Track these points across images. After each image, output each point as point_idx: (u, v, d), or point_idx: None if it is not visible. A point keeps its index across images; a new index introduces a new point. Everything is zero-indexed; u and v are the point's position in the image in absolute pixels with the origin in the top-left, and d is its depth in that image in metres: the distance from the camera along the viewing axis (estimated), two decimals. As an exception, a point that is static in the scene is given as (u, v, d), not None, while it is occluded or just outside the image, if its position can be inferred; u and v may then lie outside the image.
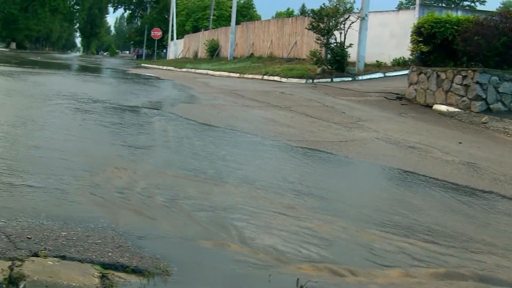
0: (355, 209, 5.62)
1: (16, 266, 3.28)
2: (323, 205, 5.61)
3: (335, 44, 24.91)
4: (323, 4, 25.50)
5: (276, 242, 4.31)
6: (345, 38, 24.55)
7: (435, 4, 29.16)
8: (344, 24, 24.48)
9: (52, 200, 4.75)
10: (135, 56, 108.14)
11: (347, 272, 3.92)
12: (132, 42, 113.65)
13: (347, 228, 4.86)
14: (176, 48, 68.23)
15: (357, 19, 24.54)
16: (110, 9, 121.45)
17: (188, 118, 11.23)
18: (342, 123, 11.85)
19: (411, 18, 24.62)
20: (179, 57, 64.17)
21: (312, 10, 26.32)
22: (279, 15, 75.64)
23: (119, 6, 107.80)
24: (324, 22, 24.98)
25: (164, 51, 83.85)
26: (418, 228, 5.10)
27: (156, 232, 4.27)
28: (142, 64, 59.73)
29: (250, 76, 29.23)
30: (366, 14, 24.75)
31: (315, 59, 25.67)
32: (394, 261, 4.22)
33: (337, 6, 25.01)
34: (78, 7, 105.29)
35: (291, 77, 25.44)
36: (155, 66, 52.40)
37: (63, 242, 3.79)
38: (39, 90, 15.16)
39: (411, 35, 17.14)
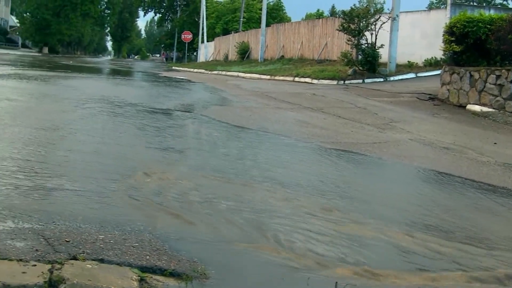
0: (390, 211, 5.58)
1: (56, 269, 3.30)
2: (358, 207, 5.57)
3: (366, 45, 24.81)
4: (354, 5, 25.47)
5: (313, 244, 4.29)
6: (376, 38, 24.44)
7: (466, 3, 28.85)
8: (375, 24, 24.37)
9: (89, 203, 4.78)
10: (164, 59, 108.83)
11: (385, 275, 3.89)
12: (162, 45, 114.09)
13: (383, 230, 4.83)
14: (206, 50, 68.38)
15: (388, 19, 24.42)
16: (141, 12, 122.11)
17: (221, 120, 11.24)
18: (375, 125, 11.79)
19: (442, 17, 24.48)
20: (210, 60, 64.33)
21: (343, 11, 26.23)
22: (309, 17, 75.54)
23: (150, 10, 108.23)
24: (354, 23, 24.90)
25: (195, 53, 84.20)
26: (455, 230, 5.05)
27: (192, 235, 4.27)
28: (173, 67, 59.93)
29: (281, 78, 29.18)
30: (397, 15, 24.63)
31: (346, 60, 25.57)
32: (432, 264, 4.17)
33: (368, 6, 24.91)
34: (109, 11, 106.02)
35: (322, 79, 25.36)
36: (186, 69, 52.48)
37: (101, 245, 3.80)
38: (72, 94, 15.27)
39: (443, 35, 17.02)
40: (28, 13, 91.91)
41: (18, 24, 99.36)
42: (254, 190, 5.80)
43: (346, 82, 24.02)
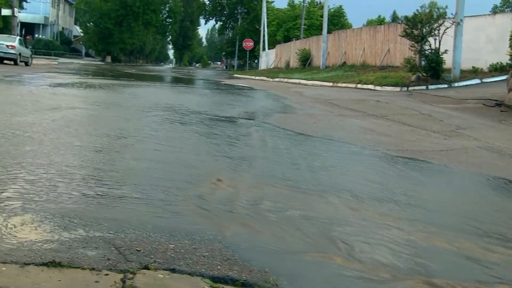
0: (460, 221, 5.47)
1: (128, 279, 3.31)
2: (428, 216, 5.48)
3: (429, 50, 24.54)
4: (417, 10, 25.23)
5: (384, 255, 4.22)
6: (439, 44, 24.17)
7: (533, 6, 28.29)
8: (438, 30, 24.12)
9: (157, 212, 4.79)
10: (224, 67, 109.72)
11: None
12: (223, 53, 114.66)
13: (454, 241, 4.72)
14: (267, 58, 68.44)
15: (452, 24, 24.11)
16: (202, 21, 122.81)
17: (285, 128, 11.23)
18: (441, 132, 11.63)
19: (508, 21, 23.99)
20: (271, 67, 64.35)
21: (406, 17, 26.05)
22: (370, 23, 75.12)
23: (211, 18, 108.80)
24: (418, 28, 24.69)
25: (256, 61, 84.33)
26: (530, 240, 4.93)
27: (262, 244, 4.23)
28: (235, 75, 60.20)
29: (343, 85, 29.08)
30: (461, 19, 24.29)
31: (409, 66, 25.35)
32: (508, 276, 4.07)
33: (431, 11, 24.65)
34: (170, 20, 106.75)
35: (385, 85, 25.22)
36: (247, 76, 52.66)
37: (172, 254, 3.80)
38: (136, 102, 15.47)
39: (510, 39, 16.72)
40: (91, 23, 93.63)
41: (82, 34, 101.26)
42: (322, 199, 5.74)
43: (410, 88, 23.84)
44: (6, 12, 52.07)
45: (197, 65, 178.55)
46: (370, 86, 26.23)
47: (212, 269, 3.62)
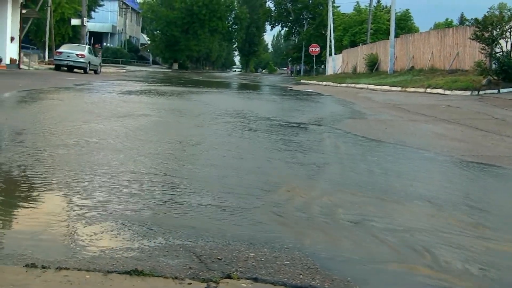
0: (544, 229, 5.32)
1: (211, 288, 3.30)
2: (510, 224, 5.35)
3: (501, 53, 24.09)
4: (487, 12, 24.81)
5: (467, 263, 4.09)
6: (511, 46, 23.69)
7: None
8: (510, 32, 23.65)
9: (234, 219, 4.78)
10: (290, 72, 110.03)
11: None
12: (289, 58, 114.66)
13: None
14: (334, 63, 68.12)
15: (524, 26, 23.65)
16: (268, 27, 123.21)
17: (356, 134, 11.15)
18: (516, 137, 11.39)
19: None
20: (338, 72, 64.06)
21: (476, 19, 25.69)
22: (437, 26, 74.21)
23: (276, 24, 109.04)
24: (488, 31, 24.25)
25: (322, 66, 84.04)
26: None
27: (342, 253, 4.16)
28: (301, 81, 60.23)
29: (412, 89, 28.76)
30: (533, 21, 23.81)
31: (479, 69, 24.90)
32: None
33: (502, 13, 24.21)
34: (236, 26, 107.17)
35: (455, 89, 24.79)
36: (314, 82, 52.57)
37: (253, 263, 3.77)
38: (205, 109, 15.56)
39: None
40: (158, 31, 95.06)
41: (149, 42, 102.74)
42: (400, 206, 5.65)
43: (481, 92, 23.40)
44: (75, 22, 53.29)
45: (263, 71, 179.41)
46: (440, 91, 25.81)
47: (294, 279, 3.57)
